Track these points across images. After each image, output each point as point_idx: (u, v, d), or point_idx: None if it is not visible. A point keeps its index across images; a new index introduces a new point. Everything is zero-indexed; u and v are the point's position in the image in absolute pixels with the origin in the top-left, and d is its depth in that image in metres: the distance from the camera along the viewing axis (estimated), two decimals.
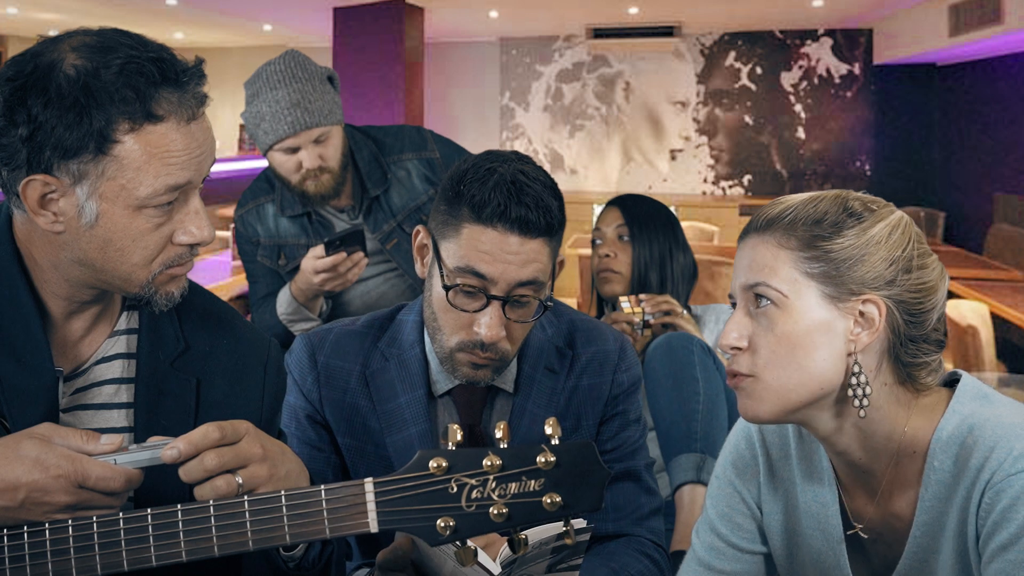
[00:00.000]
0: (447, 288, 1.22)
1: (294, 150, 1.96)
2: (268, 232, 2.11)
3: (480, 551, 1.01)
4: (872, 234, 1.02)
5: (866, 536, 1.10)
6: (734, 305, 1.08)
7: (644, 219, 2.06)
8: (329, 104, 1.98)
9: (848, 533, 1.11)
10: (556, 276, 1.32)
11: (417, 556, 1.07)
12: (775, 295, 1.02)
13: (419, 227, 1.30)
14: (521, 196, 1.18)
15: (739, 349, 1.05)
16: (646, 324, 1.96)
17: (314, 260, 1.91)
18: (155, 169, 0.92)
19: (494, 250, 1.19)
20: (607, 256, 2.05)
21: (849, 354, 1.02)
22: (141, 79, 0.91)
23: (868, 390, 1.02)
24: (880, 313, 1.01)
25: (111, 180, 0.91)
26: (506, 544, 1.02)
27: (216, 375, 1.08)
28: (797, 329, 1.01)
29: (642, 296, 1.98)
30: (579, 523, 0.99)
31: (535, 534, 0.96)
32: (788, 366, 1.01)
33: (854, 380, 1.02)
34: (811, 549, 1.15)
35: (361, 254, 1.91)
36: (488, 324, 1.21)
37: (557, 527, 0.96)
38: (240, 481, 0.88)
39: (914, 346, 1.03)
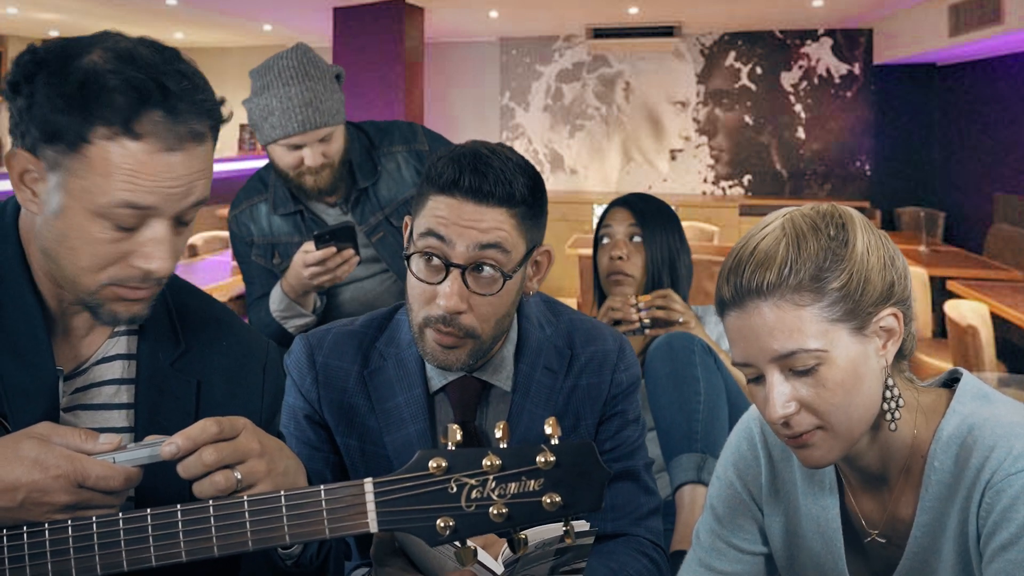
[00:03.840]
0: (409, 256, 1.23)
1: (298, 147, 1.97)
2: (261, 231, 2.12)
3: (481, 551, 1.01)
4: (859, 250, 1.01)
5: (883, 541, 1.10)
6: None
7: (654, 219, 2.02)
8: (337, 104, 2.00)
9: (866, 541, 1.11)
10: (545, 267, 1.32)
11: (410, 549, 1.07)
12: (815, 356, 0.99)
13: (406, 218, 1.32)
14: (477, 165, 1.20)
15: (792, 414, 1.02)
16: (642, 329, 1.94)
17: (304, 254, 1.91)
18: (118, 183, 0.91)
19: (451, 215, 1.20)
20: (620, 259, 2.00)
21: (882, 368, 1.03)
22: (135, 94, 0.91)
23: (901, 402, 1.04)
24: (898, 319, 1.02)
25: (78, 178, 0.92)
26: (507, 544, 1.01)
27: (216, 376, 1.08)
28: (845, 374, 1.00)
29: (641, 304, 1.95)
30: (581, 525, 0.99)
31: (535, 534, 0.96)
32: (850, 407, 1.00)
33: (888, 393, 1.03)
34: (811, 551, 1.15)
35: (351, 251, 1.91)
36: (447, 293, 1.21)
37: (559, 527, 0.96)
38: (239, 476, 0.88)
39: (911, 323, 1.05)
